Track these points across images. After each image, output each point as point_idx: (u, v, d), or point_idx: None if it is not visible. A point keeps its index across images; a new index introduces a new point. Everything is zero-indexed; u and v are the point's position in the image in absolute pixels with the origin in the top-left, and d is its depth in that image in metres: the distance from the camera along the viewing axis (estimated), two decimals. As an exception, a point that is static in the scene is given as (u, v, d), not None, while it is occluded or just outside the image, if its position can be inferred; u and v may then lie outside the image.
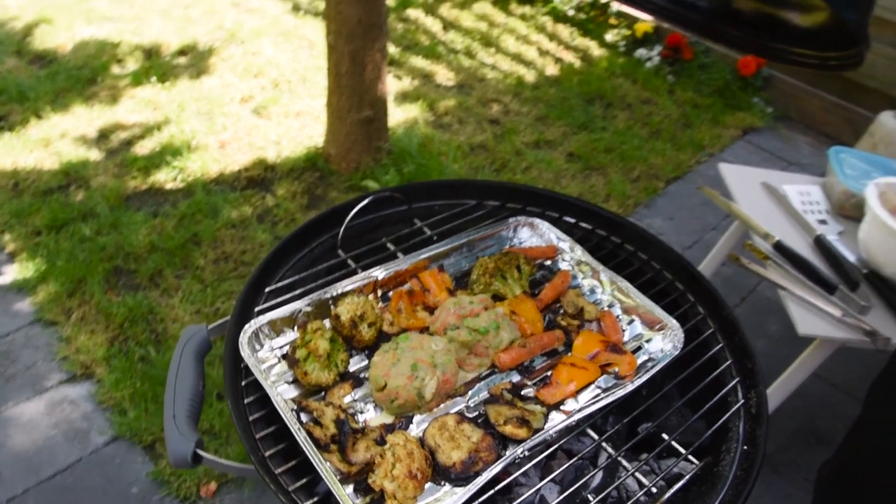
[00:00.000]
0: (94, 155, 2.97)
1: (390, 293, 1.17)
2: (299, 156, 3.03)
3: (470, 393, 1.03)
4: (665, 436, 0.99)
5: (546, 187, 3.00)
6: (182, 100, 3.32)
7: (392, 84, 3.56)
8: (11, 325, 2.32)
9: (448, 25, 4.33)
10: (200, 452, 0.95)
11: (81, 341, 2.25)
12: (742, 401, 1.04)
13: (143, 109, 3.26)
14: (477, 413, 1.00)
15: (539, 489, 0.99)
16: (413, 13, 4.40)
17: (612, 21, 4.35)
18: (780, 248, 1.81)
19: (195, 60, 3.64)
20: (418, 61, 3.88)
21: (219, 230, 2.64)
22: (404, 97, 3.52)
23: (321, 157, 3.01)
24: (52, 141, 3.02)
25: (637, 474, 0.95)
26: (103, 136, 3.09)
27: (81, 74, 3.43)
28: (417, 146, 3.05)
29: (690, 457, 0.96)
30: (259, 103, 3.35)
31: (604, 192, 3.04)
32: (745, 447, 0.97)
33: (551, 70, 3.96)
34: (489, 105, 3.58)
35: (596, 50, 4.22)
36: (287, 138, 3.14)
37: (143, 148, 3.03)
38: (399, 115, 3.34)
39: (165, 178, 2.88)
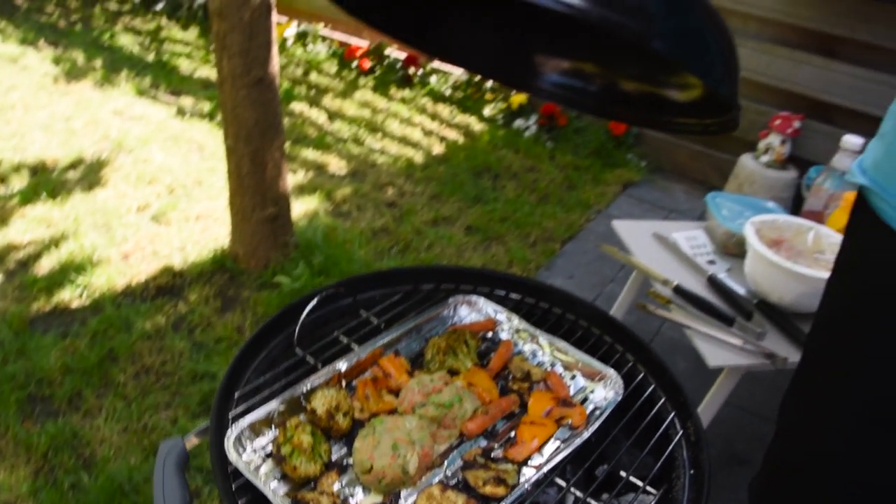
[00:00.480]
0: (-9, 281, 2.90)
1: (354, 382, 1.25)
2: (206, 259, 3.05)
3: (446, 463, 1.13)
4: (623, 473, 1.11)
5: (450, 263, 3.16)
6: (77, 214, 3.28)
7: (288, 178, 3.65)
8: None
9: (333, 115, 4.49)
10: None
11: (2, 478, 2.16)
12: (681, 431, 1.18)
13: (36, 228, 3.20)
14: (456, 480, 1.09)
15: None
16: (297, 106, 4.54)
17: (488, 96, 4.65)
18: (679, 291, 2.02)
19: (85, 173, 3.62)
20: (309, 153, 4.00)
21: (135, 343, 2.62)
22: (301, 190, 3.62)
23: (229, 257, 3.04)
24: (-58, 272, 2.92)
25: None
26: (-2, 260, 3.02)
27: (-36, 201, 3.35)
28: (322, 237, 3.14)
29: (648, 487, 1.09)
30: (157, 210, 3.36)
31: (506, 259, 3.23)
32: (692, 471, 1.11)
33: (438, 149, 4.18)
34: (384, 189, 3.74)
35: (476, 125, 4.48)
36: (191, 243, 3.16)
37: (42, 268, 2.97)
38: (299, 208, 3.43)
39: (70, 296, 2.84)
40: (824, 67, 3.59)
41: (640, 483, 1.10)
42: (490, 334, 1.42)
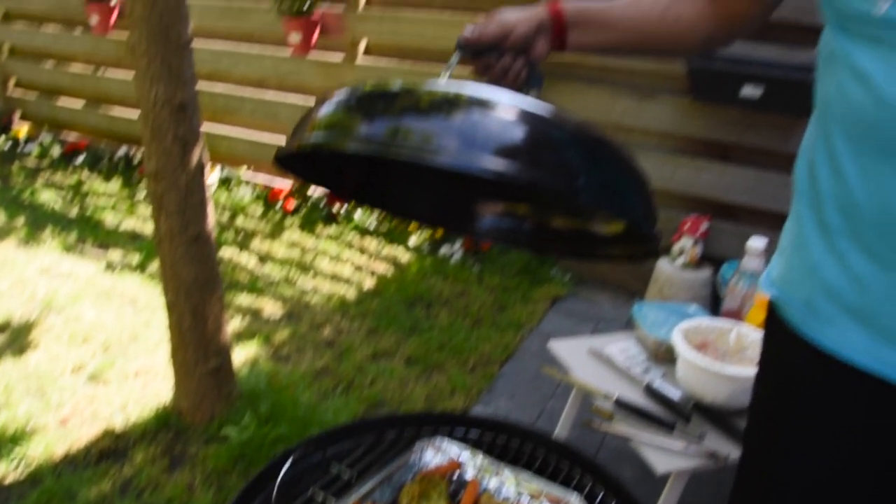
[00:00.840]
0: (-83, 462, 2.79)
1: (336, 537, 1.31)
2: (149, 417, 3.02)
3: None
4: None
5: (393, 397, 3.22)
6: (7, 382, 3.21)
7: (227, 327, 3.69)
8: None
9: (263, 258, 4.59)
10: None
11: None
12: (646, 553, 1.27)
13: (-36, 402, 3.12)
14: None
15: None
16: (227, 252, 4.62)
17: (412, 227, 4.84)
18: (620, 403, 2.16)
19: (14, 337, 3.56)
20: (243, 298, 4.06)
21: (80, 516, 2.55)
22: (240, 337, 3.65)
23: (172, 413, 3.02)
24: None
25: None
26: (-78, 438, 2.91)
27: None
28: (265, 383, 3.16)
29: None
30: (93, 370, 3.32)
31: (448, 388, 3.31)
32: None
33: (369, 283, 4.30)
34: (321, 329, 3.80)
35: (404, 255, 4.64)
36: (132, 402, 3.12)
37: (-28, 444, 2.88)
38: (240, 356, 3.45)
39: (5, 470, 2.74)
40: (722, 171, 3.96)
41: None
42: (457, 475, 1.49)
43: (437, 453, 1.53)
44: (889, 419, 1.17)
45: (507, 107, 0.94)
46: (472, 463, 1.50)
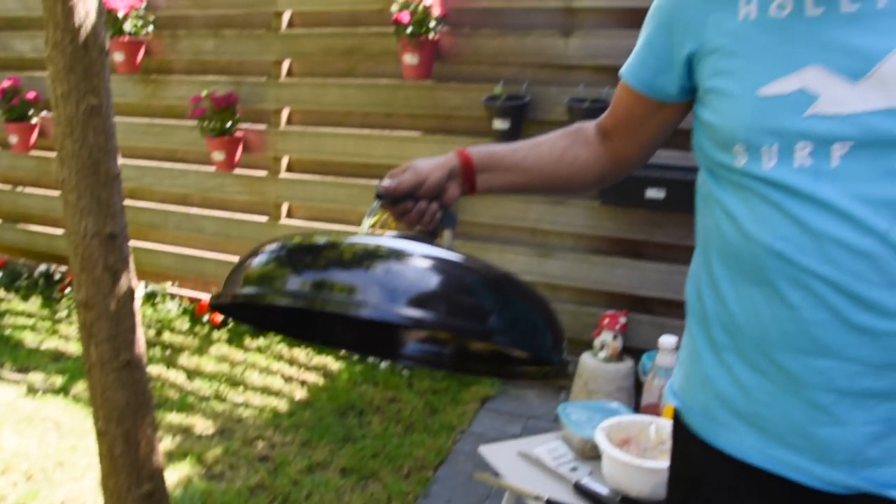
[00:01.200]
0: None
1: None
2: (78, 547, 2.95)
3: None
4: None
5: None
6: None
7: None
8: None
9: (191, 374, 4.56)
10: None
11: None
12: None
13: None
14: None
15: None
16: (155, 369, 4.58)
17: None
18: (551, 503, 2.26)
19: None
20: (174, 417, 4.02)
21: None
22: (171, 456, 3.61)
23: (104, 541, 2.96)
24: None
25: None
26: None
27: None
28: None
29: None
30: (15, 502, 3.23)
31: (384, 496, 3.35)
32: None
33: (300, 393, 4.32)
34: (254, 444, 3.80)
35: (333, 364, 4.70)
36: (59, 531, 3.05)
37: None
38: (172, 477, 3.41)
39: None
40: (634, 267, 4.22)
41: None
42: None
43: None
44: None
45: (421, 257, 1.10)
46: None
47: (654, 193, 3.90)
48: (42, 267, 6.25)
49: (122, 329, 2.84)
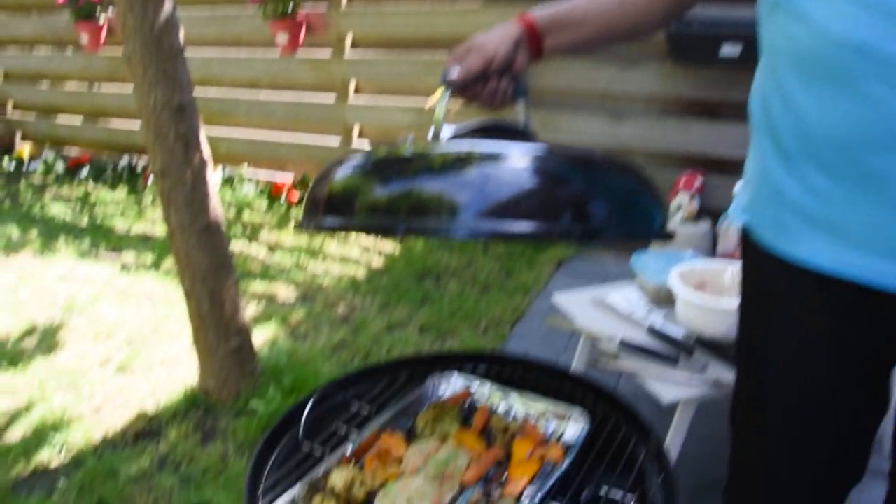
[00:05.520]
0: (-36, 458, 2.94)
1: (362, 460, 1.44)
2: (178, 399, 3.16)
3: (454, 510, 1.31)
4: (602, 491, 1.31)
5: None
6: (40, 379, 3.36)
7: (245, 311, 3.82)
8: None
9: (272, 248, 4.72)
10: None
11: None
12: (644, 448, 1.40)
13: (1, 399, 3.26)
14: (466, 522, 1.28)
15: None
16: (237, 246, 4.75)
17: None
18: (624, 344, 2.27)
19: (41, 339, 3.71)
20: (257, 286, 4.19)
21: (124, 488, 2.69)
22: (257, 320, 3.79)
23: (200, 393, 3.17)
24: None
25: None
26: (-33, 435, 3.06)
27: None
28: (286, 359, 3.30)
29: (628, 496, 1.29)
30: (120, 363, 3.47)
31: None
32: (661, 477, 1.32)
33: (377, 262, 4.43)
34: (334, 307, 3.94)
35: (409, 235, 4.75)
36: (160, 387, 3.27)
37: (14, 435, 3.02)
38: (259, 337, 3.59)
39: (49, 456, 2.89)
40: (710, 128, 4.06)
41: (619, 496, 1.30)
42: (468, 402, 1.62)
43: (449, 386, 1.66)
44: (852, 319, 1.29)
45: (513, 158, 1.02)
46: (481, 391, 1.63)
47: (728, 50, 3.69)
48: (125, 160, 6.49)
49: (198, 195, 2.94)
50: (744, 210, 1.43)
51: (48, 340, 3.69)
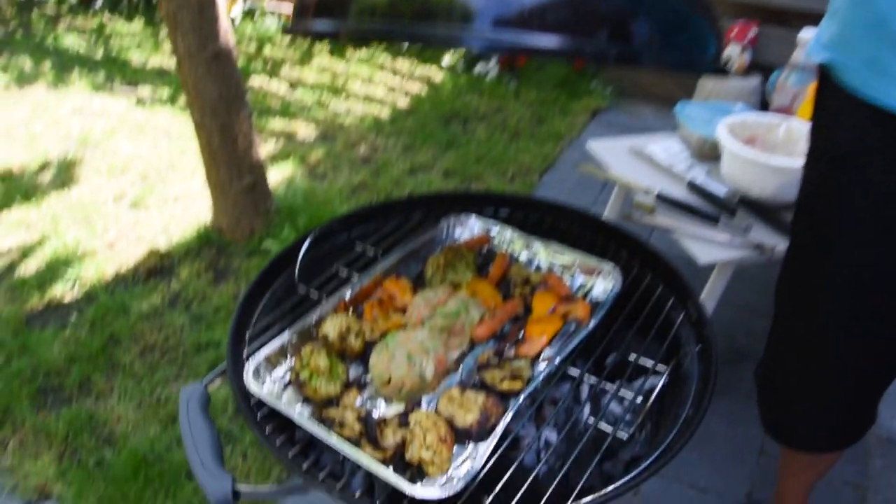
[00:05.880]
0: (-22, 288, 2.89)
1: (361, 307, 1.28)
2: (191, 237, 3.06)
3: (461, 367, 1.16)
4: (631, 357, 1.15)
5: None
6: (54, 213, 3.26)
7: (260, 148, 3.64)
8: (-55, 477, 2.23)
9: (294, 84, 4.46)
10: (239, 487, 1.03)
11: (28, 466, 2.19)
12: (683, 312, 1.22)
13: (16, 232, 3.18)
14: (473, 381, 1.13)
15: (541, 435, 1.13)
16: (257, 81, 4.51)
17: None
18: (662, 197, 2.06)
19: (56, 173, 3.58)
20: (276, 123, 3.99)
21: (135, 325, 2.63)
22: (275, 158, 3.62)
23: (213, 231, 3.05)
24: (-71, 286, 2.91)
25: (622, 391, 1.11)
26: (-17, 267, 3.01)
27: (-64, 214, 3.32)
28: (302, 199, 3.15)
29: (659, 366, 1.13)
30: (134, 198, 3.35)
31: (487, 197, 3.25)
32: (699, 347, 1.15)
33: (403, 102, 4.17)
34: (356, 147, 3.74)
35: (437, 75, 4.47)
36: (173, 224, 3.16)
37: (29, 268, 2.96)
38: (276, 176, 3.43)
39: (62, 290, 2.83)
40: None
41: (649, 364, 1.14)
42: (486, 249, 1.45)
43: (465, 230, 1.48)
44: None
45: None
46: (501, 237, 1.45)
47: None
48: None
49: (206, 19, 2.66)
50: (826, 46, 1.17)
51: (62, 175, 3.57)
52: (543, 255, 1.39)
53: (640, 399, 1.14)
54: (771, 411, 1.57)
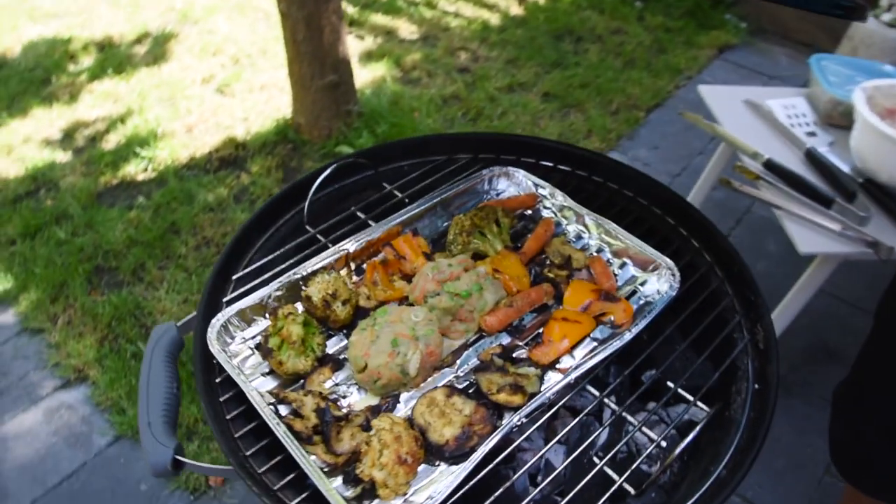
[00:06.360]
0: (60, 156, 2.88)
1: (364, 265, 1.10)
2: (269, 130, 2.93)
3: (458, 362, 0.97)
4: (670, 383, 0.92)
5: (524, 131, 2.92)
6: (142, 89, 3.21)
7: (354, 45, 3.44)
8: (-2, 339, 2.27)
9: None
10: (180, 458, 0.89)
11: (71, 345, 2.19)
12: (748, 337, 0.98)
13: (103, 104, 3.15)
14: (467, 383, 0.94)
15: (544, 454, 0.93)
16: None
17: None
18: (770, 165, 1.74)
19: (151, 47, 3.51)
20: (378, 18, 3.75)
21: (196, 216, 2.57)
22: (369, 56, 3.41)
23: (291, 128, 2.91)
24: (15, 147, 2.92)
25: (644, 428, 0.89)
26: (67, 135, 2.99)
27: (35, 76, 3.31)
28: (388, 105, 2.96)
29: (700, 403, 0.90)
30: (221, 82, 3.24)
31: (584, 128, 2.96)
32: (756, 386, 0.91)
33: (516, 10, 3.84)
34: (457, 54, 3.47)
35: (558, -17, 4.09)
36: (254, 113, 3.04)
37: (108, 143, 2.93)
38: (365, 76, 3.23)
39: (136, 170, 2.79)
40: None
41: (690, 397, 0.91)
42: (529, 212, 1.22)
43: (511, 184, 1.25)
44: None
45: None
46: (551, 201, 1.20)
47: None
48: None
49: None
50: None
51: (156, 49, 3.49)
52: (594, 233, 1.14)
53: (672, 433, 0.92)
54: (843, 441, 1.33)
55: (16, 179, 2.77)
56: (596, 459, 0.90)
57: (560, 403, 0.95)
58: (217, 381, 0.95)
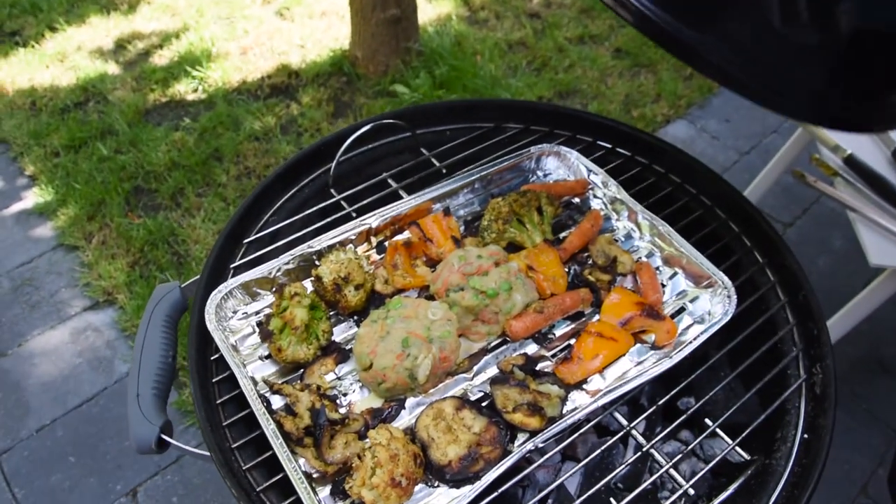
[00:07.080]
0: (112, 68, 2.82)
1: (386, 243, 1.00)
2: (325, 60, 2.82)
3: (475, 368, 0.88)
4: (709, 421, 0.82)
5: (589, 88, 2.75)
6: (201, 4, 3.11)
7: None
8: (35, 251, 2.25)
9: None
10: (166, 438, 0.83)
11: (103, 266, 2.17)
12: (804, 376, 0.86)
13: (160, 17, 3.07)
14: (482, 395, 0.85)
15: (557, 475, 0.84)
16: None
17: None
18: (851, 162, 1.57)
19: (215, -41, 3.40)
20: (452, -52, 3.56)
21: (241, 143, 2.49)
22: (437, -9, 3.25)
23: (347, 60, 2.79)
24: (68, 55, 2.87)
25: (672, 470, 0.79)
26: (120, 46, 2.92)
27: (96, -20, 3.24)
28: (450, 46, 2.80)
29: (739, 449, 0.79)
30: (282, 4, 3.12)
31: (653, 91, 2.77)
32: (806, 436, 0.80)
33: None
34: (529, -3, 3.28)
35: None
36: (311, 41, 2.92)
37: (161, 58, 2.86)
38: (430, 12, 3.07)
39: (185, 89, 2.72)
40: None
41: (729, 441, 0.80)
42: (577, 201, 1.10)
43: (562, 166, 1.12)
44: None
45: None
46: (602, 191, 1.08)
47: None
48: None
49: None
50: None
51: (222, -41, 3.37)
52: (647, 234, 1.02)
53: (706, 475, 0.82)
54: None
55: (66, 88, 2.72)
56: (617, 487, 0.81)
57: (585, 426, 0.85)
58: (213, 358, 0.87)
